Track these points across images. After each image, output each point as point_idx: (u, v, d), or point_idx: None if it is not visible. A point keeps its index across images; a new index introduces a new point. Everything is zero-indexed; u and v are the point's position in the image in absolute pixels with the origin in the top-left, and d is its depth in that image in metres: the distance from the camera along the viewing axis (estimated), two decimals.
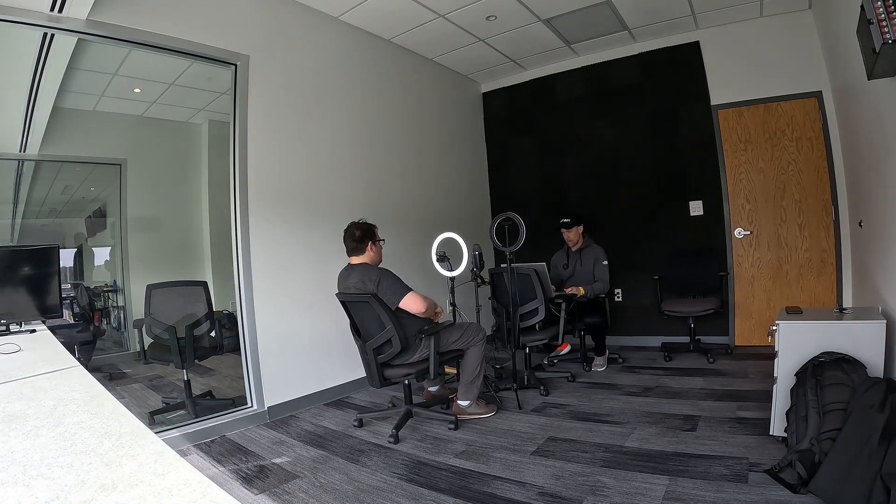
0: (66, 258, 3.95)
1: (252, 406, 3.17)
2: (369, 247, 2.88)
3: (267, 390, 3.21)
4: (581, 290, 3.85)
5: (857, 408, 1.81)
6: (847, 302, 3.78)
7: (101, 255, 4.24)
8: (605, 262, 4.03)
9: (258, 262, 3.24)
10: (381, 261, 2.97)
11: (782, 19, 4.06)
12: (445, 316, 3.19)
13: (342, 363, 3.66)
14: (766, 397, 2.65)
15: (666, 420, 2.72)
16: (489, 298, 3.85)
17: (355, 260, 2.89)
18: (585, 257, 4.11)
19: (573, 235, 4.12)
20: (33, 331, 2.16)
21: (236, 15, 3.23)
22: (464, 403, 2.97)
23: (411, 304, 2.75)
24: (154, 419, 3.08)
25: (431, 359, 2.74)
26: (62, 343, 1.86)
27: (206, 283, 3.42)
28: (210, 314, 3.28)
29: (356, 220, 2.95)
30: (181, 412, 3.15)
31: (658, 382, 3.46)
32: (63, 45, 3.05)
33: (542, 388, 3.40)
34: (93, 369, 3.04)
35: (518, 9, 3.90)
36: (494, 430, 2.78)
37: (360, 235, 2.86)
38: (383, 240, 3.04)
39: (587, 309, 3.94)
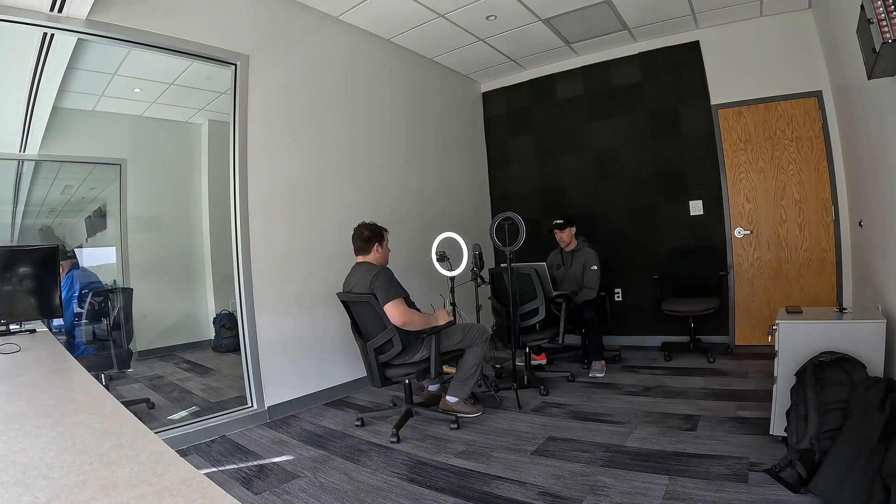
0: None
1: (252, 406, 3.17)
2: (375, 248, 2.94)
3: (267, 390, 3.21)
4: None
5: (857, 407, 1.81)
6: (847, 302, 3.77)
7: (102, 255, 4.23)
8: (595, 267, 3.95)
9: (258, 262, 3.23)
10: (386, 262, 2.99)
11: (782, 19, 4.06)
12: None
13: (342, 363, 3.66)
14: (766, 397, 2.65)
15: (666, 420, 2.73)
16: (489, 298, 3.85)
17: (360, 258, 2.96)
18: (575, 260, 4.09)
19: (566, 236, 4.10)
20: (33, 331, 2.16)
21: (236, 15, 3.23)
22: (451, 400, 2.99)
23: (391, 312, 2.69)
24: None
25: (432, 359, 2.75)
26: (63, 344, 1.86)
27: None
28: None
29: (366, 221, 3.02)
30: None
31: (658, 382, 3.46)
32: (63, 45, 3.05)
33: (542, 387, 3.40)
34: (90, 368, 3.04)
35: (518, 9, 3.90)
36: (495, 430, 2.78)
37: (367, 236, 2.94)
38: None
39: (584, 305, 3.89)
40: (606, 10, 4.02)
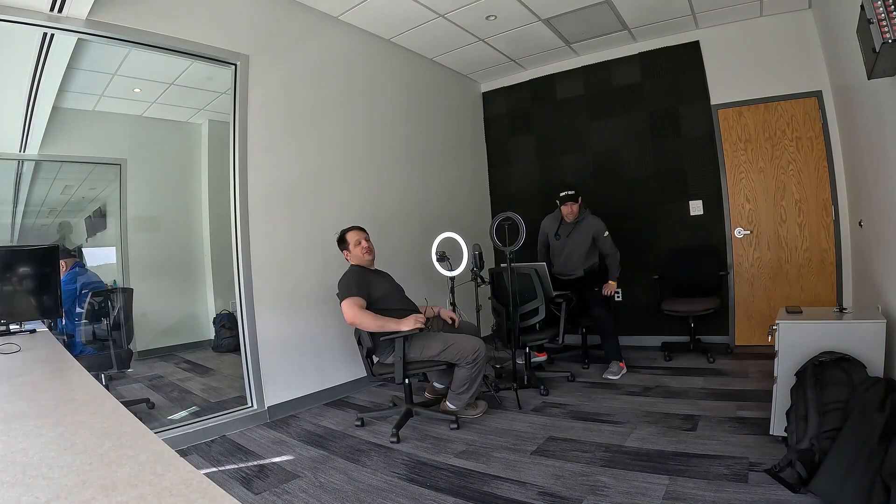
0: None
1: (252, 406, 3.17)
2: (345, 254, 3.07)
3: (267, 390, 3.21)
4: (613, 285, 3.86)
5: (856, 407, 1.81)
6: (847, 302, 3.77)
7: (102, 255, 4.23)
8: (607, 234, 3.86)
9: (258, 262, 3.23)
10: (364, 261, 3.03)
11: (782, 19, 4.06)
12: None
13: (342, 363, 3.66)
14: (766, 397, 2.65)
15: (666, 420, 2.73)
16: (489, 298, 3.85)
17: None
18: (580, 230, 3.89)
19: (573, 209, 3.88)
20: (33, 331, 2.16)
21: (236, 15, 3.23)
22: (452, 407, 2.96)
23: (344, 310, 2.76)
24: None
25: (396, 364, 2.74)
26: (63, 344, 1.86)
27: None
28: None
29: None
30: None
31: (658, 382, 3.46)
32: (63, 45, 3.05)
33: (542, 387, 3.40)
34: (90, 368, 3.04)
35: (518, 9, 3.90)
36: (494, 430, 2.78)
37: (338, 244, 3.12)
38: (365, 242, 3.04)
39: (592, 303, 3.79)
40: (606, 10, 4.02)
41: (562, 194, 3.85)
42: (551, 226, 4.07)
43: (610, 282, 3.89)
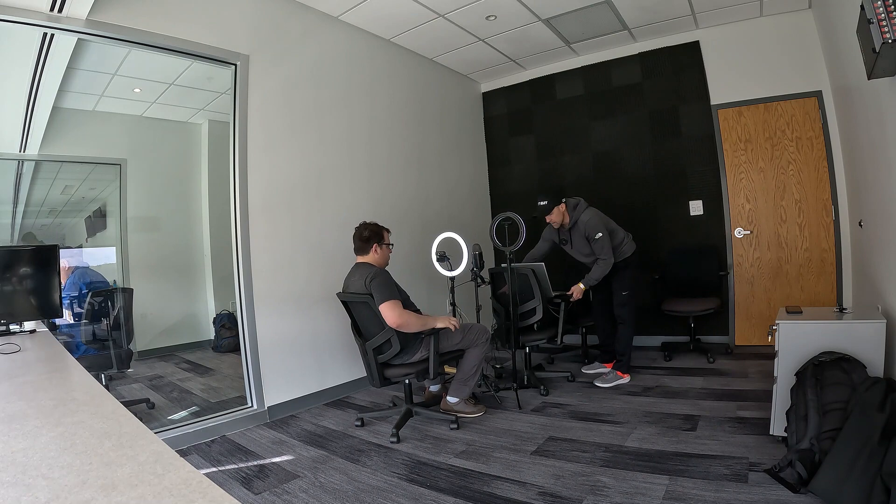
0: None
1: (252, 406, 3.17)
2: (374, 248, 2.93)
3: (267, 390, 3.21)
4: (578, 290, 3.46)
5: (857, 407, 1.81)
6: (847, 302, 3.77)
7: (102, 255, 4.23)
8: (600, 234, 3.41)
9: (258, 262, 3.23)
10: (386, 263, 2.99)
11: (782, 19, 4.06)
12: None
13: (342, 363, 3.66)
14: (766, 397, 2.65)
15: (666, 420, 2.73)
16: (490, 298, 3.85)
17: (360, 258, 2.96)
18: (576, 235, 3.60)
19: (556, 217, 3.58)
20: (33, 331, 2.16)
21: (236, 15, 3.23)
22: (452, 400, 3.00)
23: (386, 313, 2.65)
24: None
25: (431, 359, 2.75)
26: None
27: None
28: None
29: (367, 221, 3.01)
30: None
31: (658, 382, 3.46)
32: (63, 45, 3.05)
33: (542, 387, 3.40)
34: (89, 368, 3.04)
35: (518, 9, 3.90)
36: (494, 430, 2.78)
37: (367, 235, 2.93)
38: (392, 244, 3.06)
39: (615, 303, 3.58)
40: (606, 10, 4.02)
41: (539, 207, 3.60)
42: (555, 233, 3.77)
43: (579, 284, 3.45)
